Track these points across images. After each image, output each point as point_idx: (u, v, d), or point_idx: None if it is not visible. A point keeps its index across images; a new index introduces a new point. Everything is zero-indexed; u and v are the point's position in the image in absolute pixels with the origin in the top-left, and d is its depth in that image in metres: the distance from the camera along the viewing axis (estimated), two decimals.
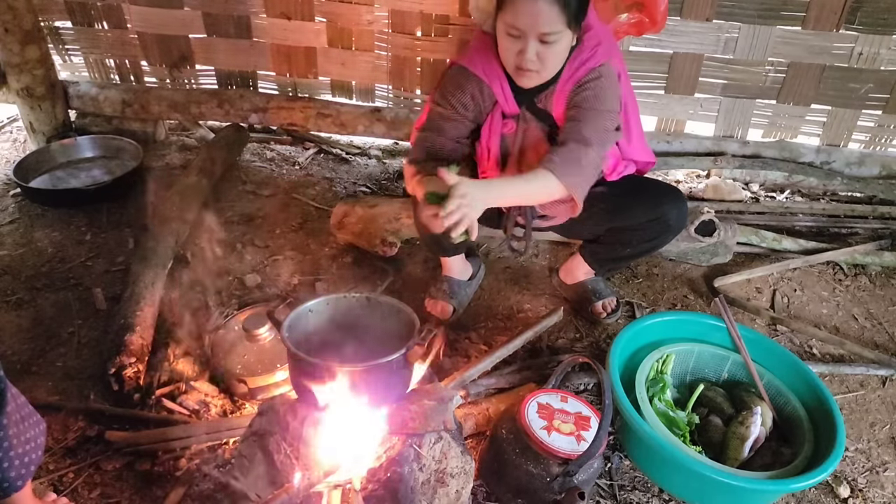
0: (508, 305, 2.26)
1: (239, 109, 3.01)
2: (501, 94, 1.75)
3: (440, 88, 1.79)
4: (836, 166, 2.87)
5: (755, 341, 1.91)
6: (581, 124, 1.64)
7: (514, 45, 1.57)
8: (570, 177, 1.59)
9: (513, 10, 1.52)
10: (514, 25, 1.54)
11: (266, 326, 1.87)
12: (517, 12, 1.52)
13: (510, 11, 1.53)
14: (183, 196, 2.52)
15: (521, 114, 1.78)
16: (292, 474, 1.29)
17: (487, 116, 1.80)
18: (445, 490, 1.40)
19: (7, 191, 2.73)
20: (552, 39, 1.54)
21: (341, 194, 2.86)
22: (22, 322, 2.05)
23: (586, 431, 1.53)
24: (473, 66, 1.73)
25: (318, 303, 1.49)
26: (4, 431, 1.09)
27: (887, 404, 1.99)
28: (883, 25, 2.54)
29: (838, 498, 1.71)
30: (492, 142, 1.83)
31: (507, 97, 1.75)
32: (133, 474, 1.60)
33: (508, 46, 1.59)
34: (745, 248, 2.56)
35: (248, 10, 2.83)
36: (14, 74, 2.81)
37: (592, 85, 1.66)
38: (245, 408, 1.80)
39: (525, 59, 1.57)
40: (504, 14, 1.55)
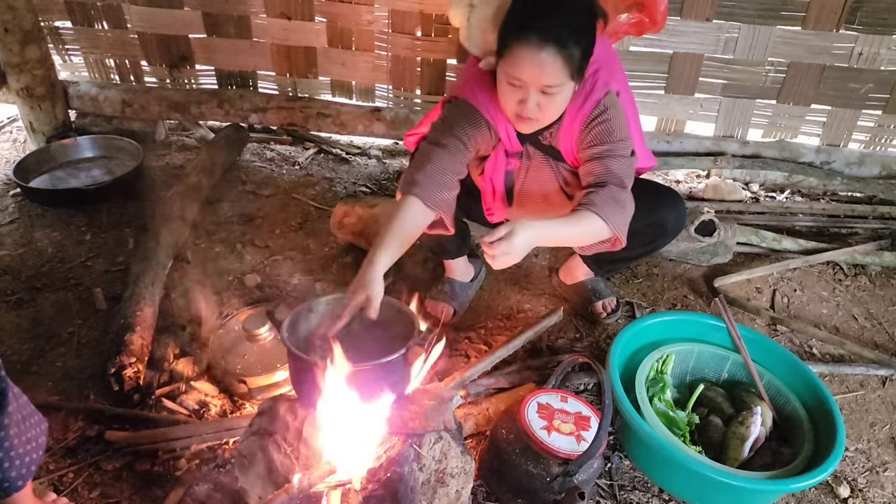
0: (508, 305, 2.26)
1: (239, 109, 3.01)
2: (505, 133, 1.70)
3: (445, 118, 1.71)
4: (836, 166, 2.88)
5: (755, 341, 1.91)
6: (608, 162, 1.60)
7: (515, 94, 1.53)
8: (615, 217, 1.57)
9: (514, 62, 1.47)
10: (515, 76, 1.49)
11: (266, 326, 1.87)
12: (519, 65, 1.47)
13: (511, 63, 1.48)
14: (183, 196, 2.52)
15: (525, 150, 1.76)
16: (292, 474, 1.29)
17: (491, 153, 1.76)
18: (445, 490, 1.40)
19: (7, 191, 2.73)
20: (554, 91, 1.50)
21: (341, 194, 2.86)
22: (22, 322, 2.05)
23: (586, 431, 1.53)
24: (477, 103, 1.68)
25: (318, 303, 1.49)
26: (5, 431, 1.09)
27: (887, 404, 1.99)
28: (883, 25, 2.54)
29: (838, 498, 1.71)
30: (496, 179, 1.79)
31: (511, 136, 1.71)
32: (133, 474, 1.60)
33: (509, 95, 1.54)
34: (745, 248, 2.56)
35: (248, 10, 2.83)
36: (14, 74, 2.81)
37: (602, 119, 1.62)
38: (245, 408, 1.80)
39: (526, 109, 1.53)
40: (505, 63, 1.50)
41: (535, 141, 1.74)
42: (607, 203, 1.56)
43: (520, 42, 1.44)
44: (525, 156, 1.77)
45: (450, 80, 2.89)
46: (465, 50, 2.75)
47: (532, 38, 1.43)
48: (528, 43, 1.43)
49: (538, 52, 1.43)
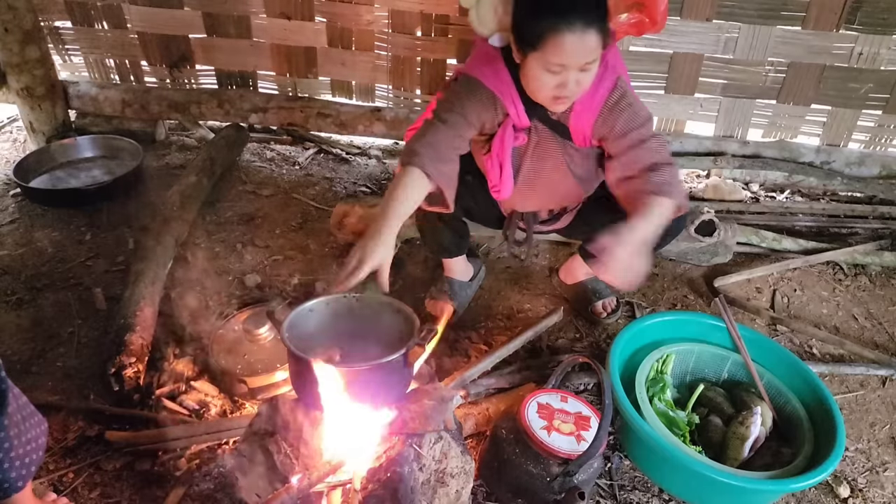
0: (508, 305, 2.26)
1: (239, 109, 3.01)
2: (514, 109, 1.70)
3: (450, 94, 1.71)
4: (836, 166, 2.87)
5: (755, 341, 1.91)
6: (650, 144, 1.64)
7: (554, 79, 1.52)
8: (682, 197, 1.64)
9: (556, 49, 1.46)
10: (558, 63, 1.48)
11: (266, 326, 1.87)
12: (562, 51, 1.46)
13: (552, 51, 1.47)
14: (183, 196, 2.52)
15: (533, 126, 1.75)
16: (292, 474, 1.29)
17: (498, 130, 1.75)
18: (445, 490, 1.40)
19: (7, 191, 2.73)
20: (591, 67, 1.51)
21: (341, 194, 2.86)
22: (22, 322, 2.05)
23: (586, 431, 1.53)
24: (485, 79, 1.67)
25: (318, 303, 1.49)
26: (5, 432, 1.09)
27: (887, 404, 1.99)
28: (883, 25, 2.54)
29: (838, 498, 1.71)
30: (504, 156, 1.78)
31: (520, 112, 1.70)
32: (133, 474, 1.60)
33: (546, 81, 1.53)
34: (745, 248, 2.56)
35: (248, 10, 2.83)
36: (14, 74, 2.81)
37: (625, 104, 1.65)
38: (245, 408, 1.80)
39: (567, 90, 1.53)
40: (543, 53, 1.48)
41: (543, 117, 1.73)
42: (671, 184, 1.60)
43: (561, 30, 1.43)
44: (533, 131, 1.76)
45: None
46: (465, 50, 2.78)
47: (575, 24, 1.43)
48: (572, 29, 1.43)
49: (583, 36, 1.44)
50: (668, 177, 1.61)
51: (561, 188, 1.89)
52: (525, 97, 1.67)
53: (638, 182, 1.63)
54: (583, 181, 1.87)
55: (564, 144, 1.77)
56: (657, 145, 1.65)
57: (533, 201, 1.96)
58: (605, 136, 1.70)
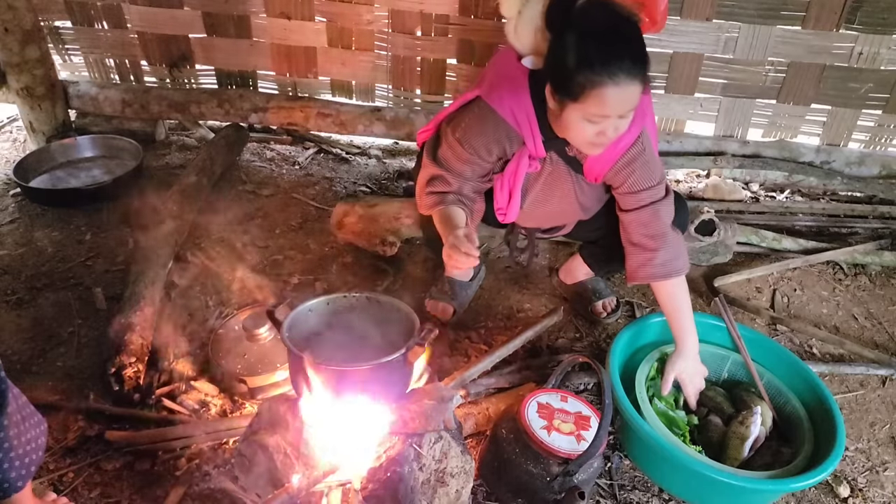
0: (508, 305, 2.26)
1: (239, 109, 3.01)
2: (531, 140, 1.67)
3: (464, 127, 1.68)
4: (836, 166, 2.87)
5: (755, 341, 1.91)
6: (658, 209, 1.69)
7: (593, 128, 1.49)
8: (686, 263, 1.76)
9: (600, 103, 1.42)
10: (601, 115, 1.45)
11: (266, 326, 1.87)
12: (606, 104, 1.42)
13: (596, 103, 1.42)
14: (183, 196, 2.52)
15: (548, 157, 1.74)
16: (292, 474, 1.29)
17: (513, 157, 1.73)
18: (445, 490, 1.40)
19: (7, 190, 2.73)
20: (631, 113, 1.49)
21: (341, 194, 2.86)
22: (22, 322, 2.05)
23: (586, 431, 1.53)
24: (502, 110, 1.63)
25: (318, 303, 1.49)
26: (5, 432, 1.09)
27: (887, 404, 1.99)
28: (883, 25, 2.54)
29: (838, 498, 1.71)
30: (515, 184, 1.77)
31: (537, 143, 1.67)
32: (133, 474, 1.60)
33: (586, 130, 1.50)
34: (745, 248, 2.56)
35: (248, 10, 2.83)
36: (14, 74, 2.81)
37: (641, 161, 1.66)
38: (245, 408, 1.80)
39: (605, 137, 1.51)
40: (586, 105, 1.44)
41: (560, 150, 1.73)
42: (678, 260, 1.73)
43: (605, 84, 1.39)
44: (547, 161, 1.76)
45: (450, 80, 2.89)
46: (465, 49, 2.78)
47: (620, 78, 1.39)
48: (617, 83, 1.39)
49: (627, 89, 1.41)
50: (672, 252, 1.70)
51: (565, 214, 1.92)
52: (543, 127, 1.64)
53: (644, 258, 1.72)
54: (586, 209, 1.90)
55: (576, 177, 1.78)
56: (664, 211, 1.70)
57: (534, 221, 2.00)
58: (616, 187, 1.73)
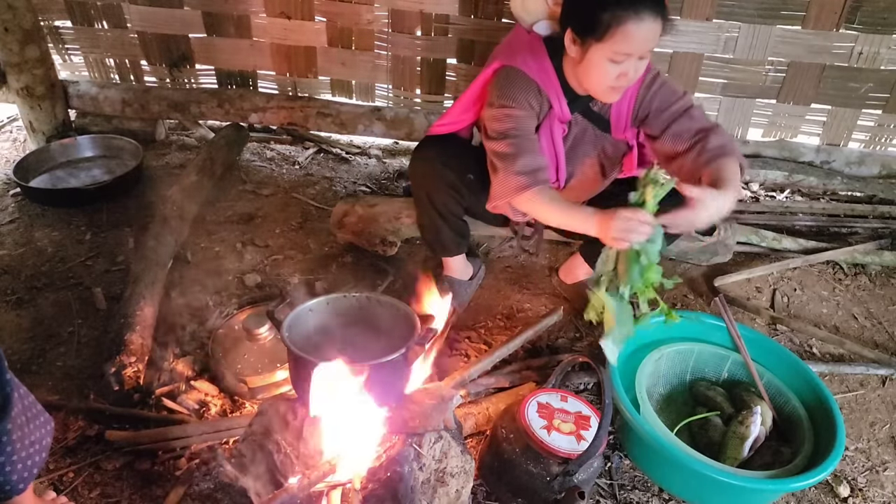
0: (508, 305, 2.26)
1: (239, 109, 3.01)
2: (557, 102, 1.69)
3: (503, 89, 1.67)
4: (836, 166, 2.87)
5: (755, 341, 1.92)
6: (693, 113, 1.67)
7: (615, 69, 1.51)
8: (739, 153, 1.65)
9: (625, 40, 1.45)
10: (626, 52, 1.48)
11: (266, 326, 1.87)
12: (631, 41, 1.46)
13: (620, 41, 1.46)
14: (183, 196, 2.52)
15: (574, 118, 1.75)
16: (292, 474, 1.29)
17: (543, 123, 1.73)
18: (445, 489, 1.40)
19: (7, 190, 2.73)
20: (650, 53, 1.52)
21: (341, 194, 2.86)
22: (22, 322, 2.05)
23: (586, 431, 1.53)
24: (529, 70, 1.65)
25: (318, 303, 1.49)
26: (8, 436, 1.08)
27: (887, 404, 1.99)
28: (883, 25, 2.54)
29: (838, 497, 1.71)
30: (559, 149, 1.76)
31: (563, 104, 1.70)
32: (133, 474, 1.60)
33: (609, 71, 1.52)
34: (745, 248, 2.56)
35: (248, 10, 2.83)
36: (14, 74, 2.81)
37: (660, 82, 1.68)
38: (245, 408, 1.80)
39: (626, 79, 1.53)
40: (609, 43, 1.47)
41: (585, 110, 1.74)
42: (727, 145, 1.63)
43: (630, 20, 1.44)
44: (573, 123, 1.76)
45: (450, 80, 2.89)
46: (465, 49, 2.78)
47: (645, 14, 1.43)
48: (642, 18, 1.43)
49: (652, 25, 1.45)
50: (721, 139, 1.63)
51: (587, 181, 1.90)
52: (567, 90, 1.67)
53: (695, 153, 1.65)
54: (606, 177, 1.89)
55: (601, 137, 1.78)
56: (699, 113, 1.68)
57: None
58: (646, 115, 1.71)
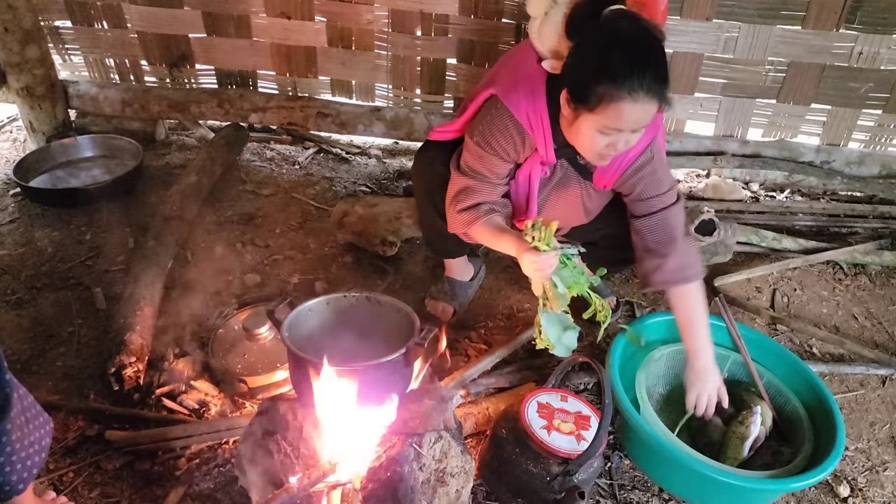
0: (508, 305, 2.26)
1: (239, 109, 3.01)
2: (543, 146, 1.67)
3: (482, 129, 1.67)
4: (836, 166, 2.87)
5: (755, 341, 1.92)
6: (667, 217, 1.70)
7: (605, 139, 1.48)
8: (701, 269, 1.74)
9: (615, 116, 1.41)
10: (615, 128, 1.44)
11: (266, 326, 1.87)
12: (622, 118, 1.41)
13: (612, 116, 1.41)
14: (183, 196, 2.52)
15: (559, 163, 1.74)
16: (292, 474, 1.29)
17: (525, 163, 1.73)
18: (445, 489, 1.40)
19: (7, 190, 2.73)
20: (643, 128, 1.48)
21: (341, 194, 2.86)
22: (22, 322, 2.05)
23: (586, 431, 1.53)
24: (518, 112, 1.62)
25: (318, 303, 1.49)
26: (7, 437, 1.08)
27: (887, 404, 1.99)
28: (883, 25, 2.53)
29: (838, 497, 1.71)
30: (532, 191, 1.76)
31: (549, 150, 1.67)
32: (133, 474, 1.60)
33: (597, 141, 1.49)
34: (745, 248, 2.56)
35: (247, 10, 2.83)
36: (14, 74, 2.81)
37: (651, 169, 1.66)
38: (245, 408, 1.80)
39: (615, 150, 1.50)
40: (598, 117, 1.43)
41: (571, 158, 1.73)
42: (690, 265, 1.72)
43: (623, 98, 1.38)
44: (558, 167, 1.76)
45: (450, 80, 2.89)
46: (465, 49, 2.78)
47: (639, 95, 1.37)
48: (635, 99, 1.37)
49: (645, 105, 1.39)
50: (685, 259, 1.70)
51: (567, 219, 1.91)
52: (556, 135, 1.64)
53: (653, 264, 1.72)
54: (590, 214, 1.90)
55: (585, 184, 1.79)
56: (674, 218, 1.70)
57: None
58: (626, 194, 1.74)
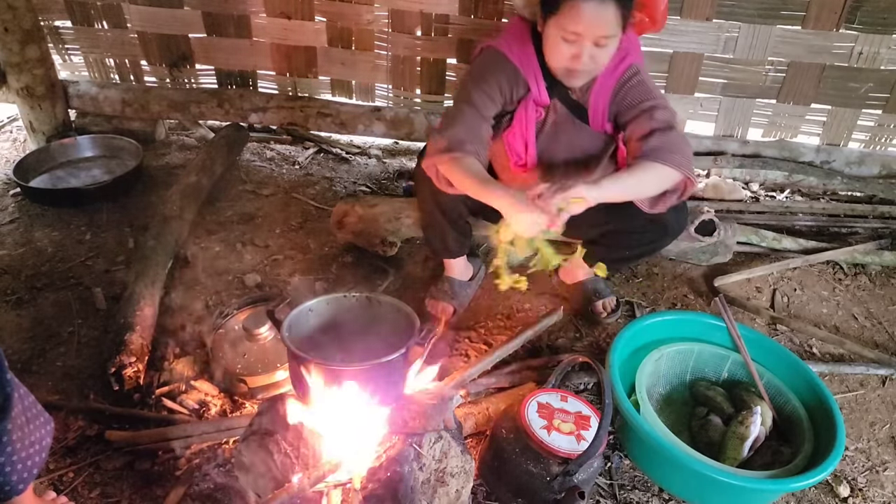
0: (508, 305, 2.26)
1: (239, 109, 3.01)
2: (535, 84, 1.73)
3: (475, 68, 1.75)
4: (836, 166, 2.87)
5: (755, 341, 1.92)
6: (654, 112, 1.64)
7: (568, 49, 1.55)
8: (678, 159, 1.59)
9: (572, 16, 1.48)
10: (572, 31, 1.51)
11: (266, 326, 1.87)
12: (578, 18, 1.48)
13: (568, 17, 1.49)
14: (183, 196, 2.52)
15: (552, 104, 1.77)
16: (292, 474, 1.29)
17: (519, 105, 1.77)
18: (445, 489, 1.40)
19: (7, 190, 2.73)
20: (607, 42, 1.53)
21: (341, 194, 2.86)
22: (22, 322, 2.05)
23: (586, 431, 1.53)
24: (510, 53, 1.70)
25: (318, 303, 1.49)
26: (8, 437, 1.08)
27: (887, 404, 1.99)
28: (883, 25, 2.54)
29: (838, 497, 1.71)
30: (528, 132, 1.79)
31: (541, 88, 1.73)
32: (133, 474, 1.60)
33: (561, 50, 1.56)
34: (745, 248, 2.56)
35: (247, 10, 2.83)
36: (14, 74, 2.81)
37: (637, 81, 1.68)
38: (245, 408, 1.80)
39: (580, 62, 1.56)
40: (559, 18, 1.51)
41: (563, 96, 1.75)
42: (666, 148, 1.58)
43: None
44: (551, 109, 1.78)
45: (450, 80, 2.89)
46: (465, 49, 2.78)
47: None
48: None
49: (600, 6, 1.46)
50: (660, 142, 1.60)
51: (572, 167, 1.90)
52: (547, 75, 1.69)
53: (634, 148, 1.65)
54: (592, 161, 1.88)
55: (580, 127, 1.79)
56: (660, 114, 1.64)
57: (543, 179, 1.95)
58: (619, 110, 1.72)
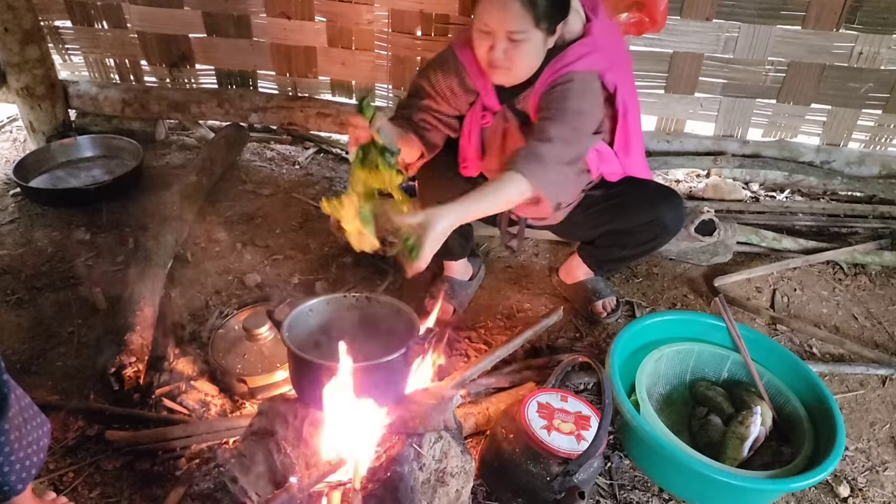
0: (508, 305, 2.26)
1: (239, 109, 3.01)
2: (483, 88, 1.77)
3: (431, 65, 1.82)
4: (836, 166, 2.87)
5: (755, 341, 1.91)
6: (546, 122, 1.63)
7: (484, 41, 1.60)
8: (534, 173, 1.54)
9: (483, 8, 1.56)
10: (485, 23, 1.56)
11: (266, 326, 1.87)
12: (485, 10, 1.55)
13: (481, 8, 1.56)
14: (183, 196, 2.52)
15: (502, 111, 1.81)
16: (292, 474, 1.29)
17: (470, 107, 1.83)
18: (445, 489, 1.40)
19: (7, 190, 2.73)
20: (520, 38, 1.56)
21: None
22: (22, 322, 2.05)
23: (586, 431, 1.53)
24: (462, 55, 1.75)
25: (318, 303, 1.49)
26: (6, 436, 1.08)
27: (887, 404, 1.99)
28: (883, 25, 2.54)
29: (838, 497, 1.71)
30: (472, 131, 1.85)
31: (489, 92, 1.77)
32: (133, 474, 1.60)
33: (479, 43, 1.62)
34: (745, 248, 2.56)
35: (248, 10, 2.83)
36: (14, 74, 2.81)
37: (561, 88, 1.64)
38: (245, 408, 1.80)
39: (493, 56, 1.60)
40: (477, 10, 1.58)
41: (511, 105, 1.79)
42: (527, 160, 1.56)
43: None
44: (501, 116, 1.81)
45: None
46: None
47: None
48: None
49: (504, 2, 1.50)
50: (528, 153, 1.57)
51: None
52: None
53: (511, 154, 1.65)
54: None
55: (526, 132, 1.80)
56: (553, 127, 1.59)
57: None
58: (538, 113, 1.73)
